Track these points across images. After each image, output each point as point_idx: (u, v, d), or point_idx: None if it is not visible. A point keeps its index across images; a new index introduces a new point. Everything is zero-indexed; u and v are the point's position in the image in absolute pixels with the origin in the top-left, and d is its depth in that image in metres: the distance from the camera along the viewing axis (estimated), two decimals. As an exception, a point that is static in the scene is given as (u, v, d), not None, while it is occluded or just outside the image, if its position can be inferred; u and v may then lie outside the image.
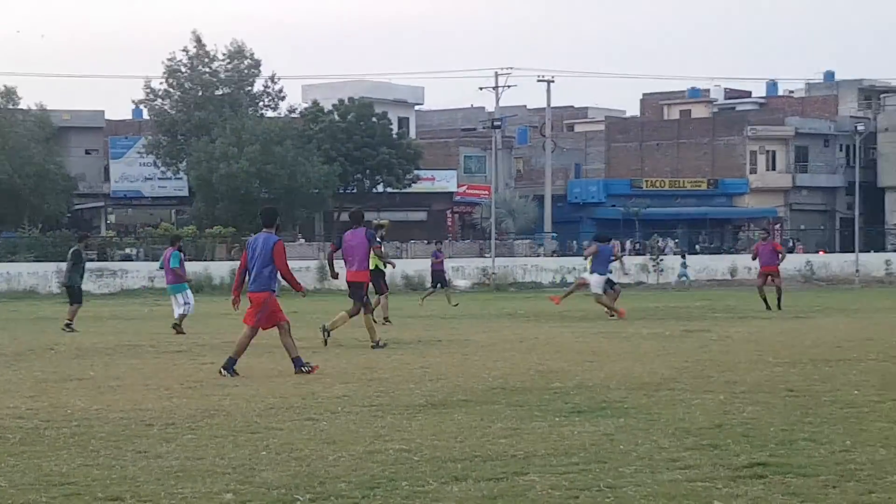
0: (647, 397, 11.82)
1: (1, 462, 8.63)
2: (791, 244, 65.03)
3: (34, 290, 48.19)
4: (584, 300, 28.68)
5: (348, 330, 22.28)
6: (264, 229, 14.88)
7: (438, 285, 35.60)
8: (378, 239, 20.24)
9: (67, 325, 23.58)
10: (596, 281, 26.11)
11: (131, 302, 37.33)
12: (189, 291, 23.86)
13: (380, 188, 64.60)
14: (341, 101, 64.51)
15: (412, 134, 73.23)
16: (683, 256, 55.14)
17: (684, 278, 50.99)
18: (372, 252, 18.96)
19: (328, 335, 18.57)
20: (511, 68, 68.30)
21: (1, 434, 9.88)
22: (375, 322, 19.59)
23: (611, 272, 26.99)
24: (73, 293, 24.48)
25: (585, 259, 27.82)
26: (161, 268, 24.85)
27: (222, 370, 14.38)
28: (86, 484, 7.89)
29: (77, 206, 67.00)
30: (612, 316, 25.46)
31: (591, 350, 17.43)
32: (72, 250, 24.60)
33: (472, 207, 73.42)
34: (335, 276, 19.98)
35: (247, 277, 14.79)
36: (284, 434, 9.79)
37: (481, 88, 70.81)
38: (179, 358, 17.06)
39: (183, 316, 23.02)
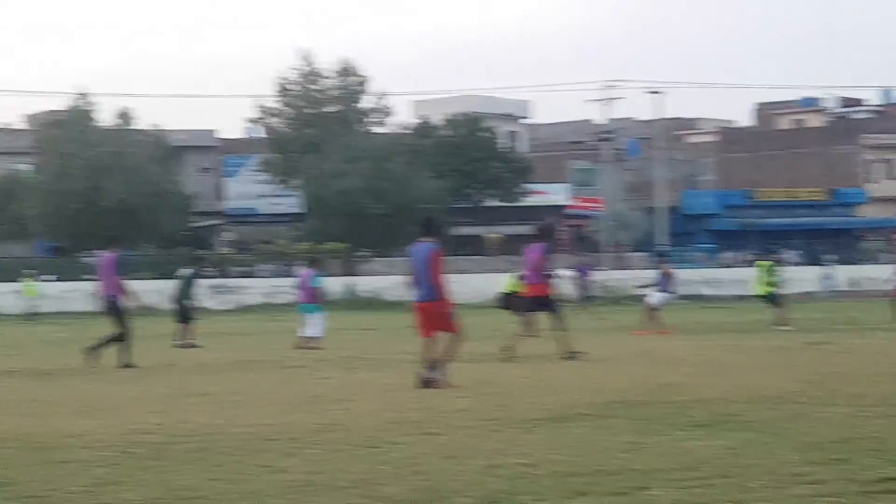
0: (771, 410, 11.63)
1: (130, 476, 8.76)
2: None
3: (155, 306, 49.03)
4: (699, 313, 28.43)
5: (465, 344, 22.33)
6: (424, 238, 14.88)
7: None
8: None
9: (190, 345, 24.02)
10: (659, 298, 27.47)
11: (249, 318, 37.75)
12: (321, 314, 23.95)
13: (490, 202, 64.64)
14: (451, 116, 64.72)
15: (522, 147, 73.18)
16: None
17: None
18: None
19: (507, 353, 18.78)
20: (619, 80, 67.99)
21: (129, 449, 10.04)
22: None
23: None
24: (186, 312, 24.92)
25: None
26: (299, 287, 25.07)
27: (426, 378, 14.32)
28: (212, 498, 7.97)
29: (194, 224, 68.04)
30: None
31: (712, 363, 17.21)
32: (189, 272, 24.91)
33: (583, 220, 73.09)
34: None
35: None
36: (405, 448, 9.80)
37: (590, 101, 70.55)
38: (299, 373, 17.22)
39: (311, 338, 23.17)
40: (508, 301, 27.02)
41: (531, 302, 19.14)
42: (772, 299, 27.77)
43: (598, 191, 69.94)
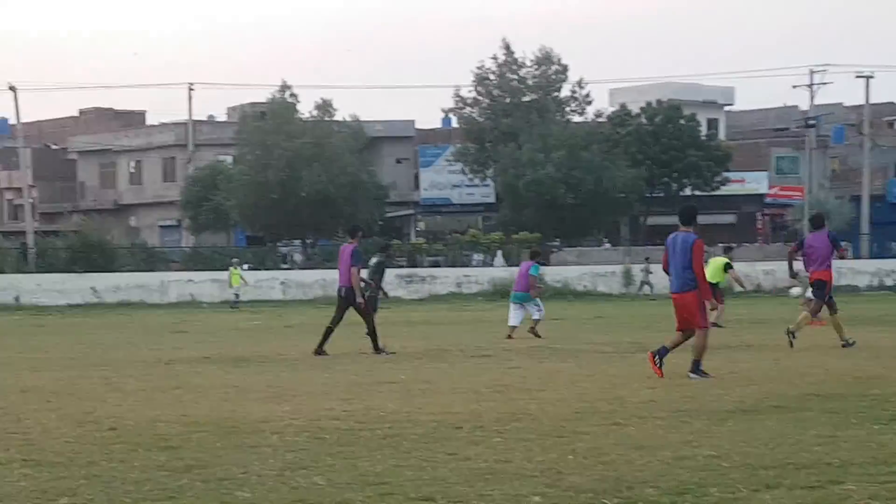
0: (974, 405, 11.18)
1: (320, 461, 8.91)
2: None
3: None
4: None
5: (655, 334, 22.11)
6: (682, 227, 14.52)
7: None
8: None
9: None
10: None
11: (440, 307, 38.12)
12: (536, 302, 24.25)
13: (687, 191, 63.78)
14: (649, 103, 64.04)
15: (721, 135, 71.98)
16: None
17: None
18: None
19: (793, 337, 18.53)
20: (827, 65, 66.14)
21: (319, 434, 10.23)
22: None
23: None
24: (371, 301, 25.10)
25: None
26: (518, 277, 25.15)
27: (690, 374, 14.22)
28: (399, 484, 8.06)
29: (389, 214, 68.94)
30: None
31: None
32: (377, 261, 25.11)
33: (783, 209, 71.46)
34: (794, 275, 20.46)
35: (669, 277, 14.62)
36: (591, 438, 9.75)
37: (795, 87, 68.89)
38: (486, 362, 17.28)
39: (537, 321, 23.65)
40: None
41: (814, 286, 19.17)
42: None
43: (800, 179, 68.30)
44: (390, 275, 51.15)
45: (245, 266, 51.62)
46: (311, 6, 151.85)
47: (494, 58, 64.02)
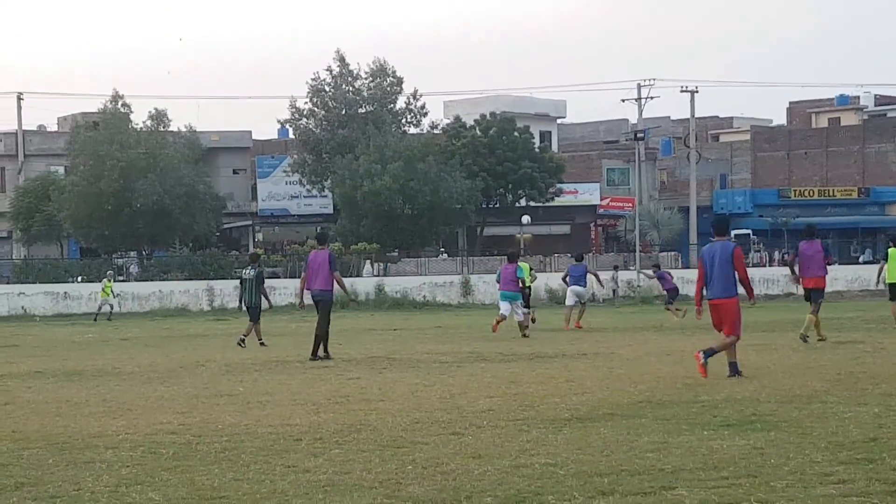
0: (798, 410, 11.56)
1: (155, 476, 8.80)
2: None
3: (185, 307, 49.33)
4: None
5: (493, 343, 22.36)
6: (716, 237, 15.26)
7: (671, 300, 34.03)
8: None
9: (242, 341, 24.34)
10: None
11: (280, 318, 37.78)
12: (520, 301, 26.71)
13: (522, 202, 64.56)
14: (483, 116, 64.67)
15: (554, 147, 73.07)
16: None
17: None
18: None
19: (806, 340, 20.80)
20: (654, 79, 67.61)
21: (154, 449, 10.09)
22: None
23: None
24: (255, 312, 25.20)
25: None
26: (498, 280, 27.54)
27: (730, 375, 14.74)
28: (236, 498, 8.01)
29: (226, 225, 68.26)
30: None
31: (741, 362, 17.10)
32: (256, 272, 25.23)
33: (615, 220, 72.92)
34: (797, 279, 21.85)
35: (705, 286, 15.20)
36: (430, 448, 9.81)
37: (624, 100, 70.26)
38: (326, 373, 17.25)
39: (521, 323, 25.88)
40: None
41: (812, 293, 21.26)
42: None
43: (630, 190, 69.77)
44: (230, 286, 50.78)
45: (71, 279, 50.56)
46: (148, 11, 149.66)
47: (329, 69, 63.95)
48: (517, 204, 64.68)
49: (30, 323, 42.23)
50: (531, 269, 30.94)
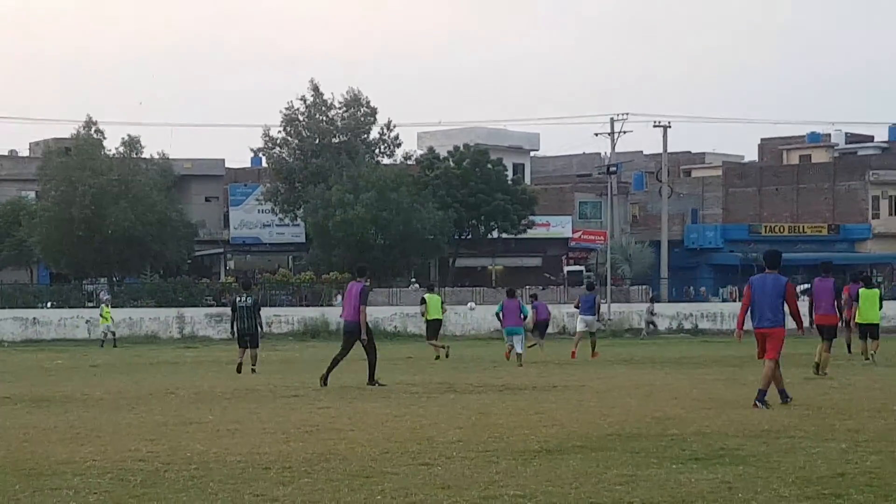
0: (767, 445, 11.61)
1: (123, 503, 8.76)
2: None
3: (155, 335, 49.17)
4: (698, 346, 28.27)
5: (463, 374, 22.41)
6: (768, 270, 15.82)
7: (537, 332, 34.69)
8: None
9: (253, 370, 24.93)
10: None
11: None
12: (523, 335, 28.77)
13: (495, 234, 64.67)
14: (456, 147, 64.83)
15: (527, 180, 73.30)
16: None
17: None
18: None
19: (825, 374, 21.68)
20: (627, 114, 67.85)
21: (123, 476, 10.04)
22: None
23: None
24: (255, 339, 25.62)
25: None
26: (499, 314, 29.44)
27: (756, 402, 15.21)
28: (204, 526, 7.98)
29: (198, 253, 68.09)
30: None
31: (709, 396, 17.19)
32: (253, 300, 25.84)
33: (587, 253, 73.14)
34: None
35: (750, 314, 15.79)
36: (399, 479, 9.80)
37: (597, 134, 70.43)
38: (296, 402, 17.20)
39: (519, 355, 27.68)
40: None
41: (826, 330, 22.33)
42: None
43: (602, 223, 70.02)
44: (200, 314, 50.64)
45: (40, 305, 50.28)
46: (121, 39, 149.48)
47: (303, 99, 64.01)
48: (489, 236, 64.78)
49: (-2, 348, 41.95)
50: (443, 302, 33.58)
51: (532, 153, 78.02)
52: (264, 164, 69.52)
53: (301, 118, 64.12)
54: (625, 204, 77.15)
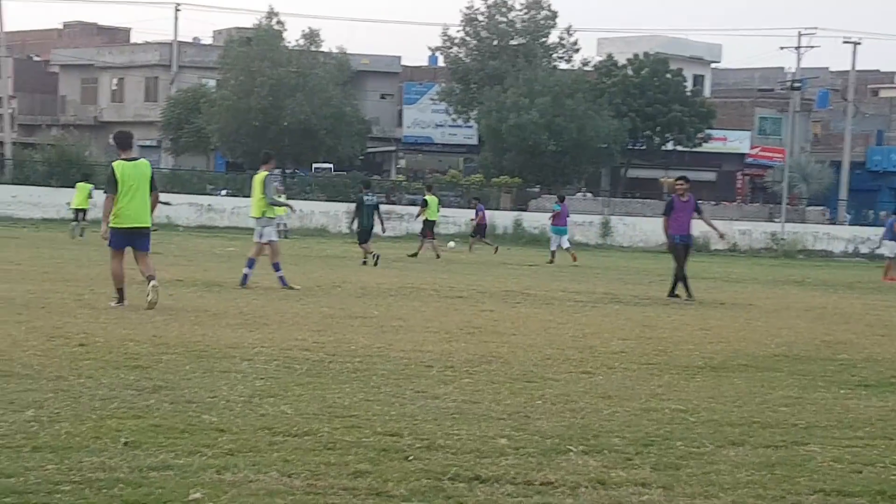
0: (941, 375, 11.24)
1: (288, 390, 8.90)
2: None
3: (325, 228, 49.93)
4: (878, 272, 27.54)
5: (629, 286, 22.26)
6: None
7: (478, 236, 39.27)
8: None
9: (364, 262, 26.26)
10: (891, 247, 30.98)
11: (416, 246, 37.96)
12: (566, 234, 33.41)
13: (669, 146, 63.74)
14: (636, 55, 63.83)
15: (706, 92, 71.87)
16: None
17: None
18: None
19: None
20: (816, 28, 66.04)
21: (289, 364, 10.22)
22: None
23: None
24: (367, 234, 27.40)
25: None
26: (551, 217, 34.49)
27: None
28: (366, 417, 8.05)
29: (370, 150, 68.68)
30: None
31: (883, 323, 16.73)
32: (377, 200, 27.93)
33: (764, 170, 71.60)
34: None
35: None
36: (560, 385, 9.76)
37: (782, 48, 68.80)
38: (460, 303, 17.28)
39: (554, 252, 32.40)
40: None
41: None
42: None
43: (782, 141, 68.38)
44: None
45: (223, 192, 51.29)
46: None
47: (484, -1, 63.65)
48: (664, 147, 63.87)
49: (173, 232, 43.09)
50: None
51: (713, 64, 76.41)
52: (441, 63, 69.50)
53: (481, 18, 63.84)
54: (806, 122, 75.12)
